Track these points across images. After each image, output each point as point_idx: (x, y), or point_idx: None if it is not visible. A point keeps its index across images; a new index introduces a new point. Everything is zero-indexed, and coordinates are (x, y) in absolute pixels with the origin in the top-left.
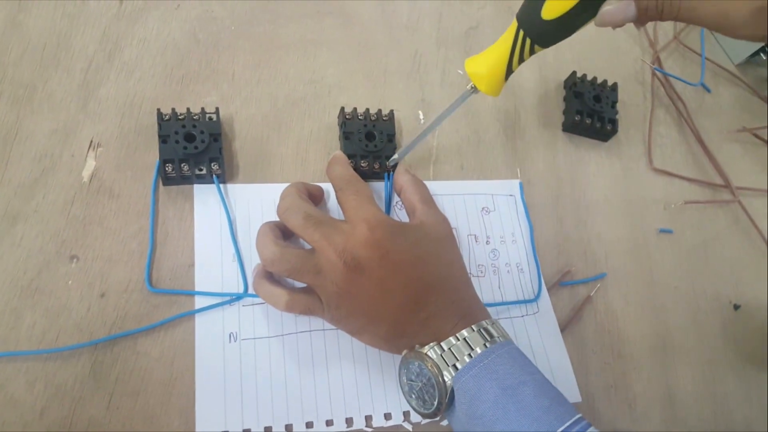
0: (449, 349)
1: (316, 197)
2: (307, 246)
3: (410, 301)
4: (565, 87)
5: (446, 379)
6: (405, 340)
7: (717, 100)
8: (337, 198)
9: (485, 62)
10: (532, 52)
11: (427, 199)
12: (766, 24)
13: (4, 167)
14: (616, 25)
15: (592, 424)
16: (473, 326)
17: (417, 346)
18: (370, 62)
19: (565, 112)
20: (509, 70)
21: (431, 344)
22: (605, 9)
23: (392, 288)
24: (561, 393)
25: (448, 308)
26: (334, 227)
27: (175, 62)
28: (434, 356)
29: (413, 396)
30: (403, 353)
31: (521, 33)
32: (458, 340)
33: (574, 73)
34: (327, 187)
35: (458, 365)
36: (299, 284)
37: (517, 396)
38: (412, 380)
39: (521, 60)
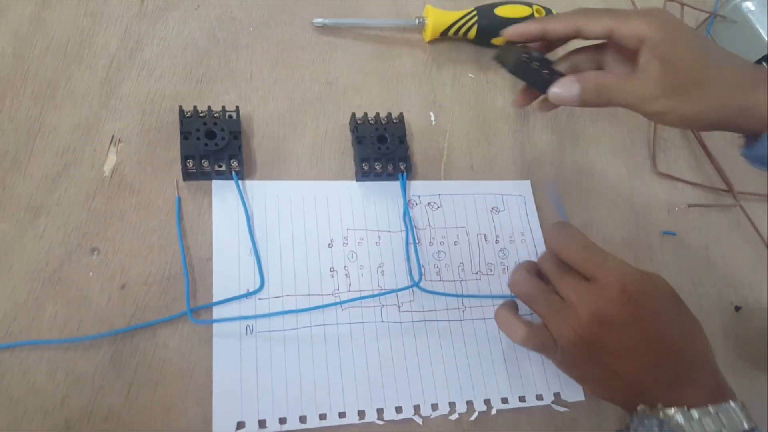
0: (699, 418)
1: None
2: None
3: (655, 361)
4: None
5: None
6: (642, 398)
7: None
8: (565, 256)
9: (442, 14)
10: (469, 35)
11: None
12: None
13: (27, 161)
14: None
15: (597, 421)
16: (732, 403)
17: (660, 405)
18: (384, 64)
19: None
20: (447, 30)
21: (679, 408)
22: (559, 85)
23: (637, 347)
24: None
25: (698, 377)
26: (583, 282)
27: (195, 61)
28: (681, 421)
29: None
30: (639, 407)
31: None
32: (711, 414)
33: None
34: (340, 185)
35: None
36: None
37: None
38: None
39: (458, 32)
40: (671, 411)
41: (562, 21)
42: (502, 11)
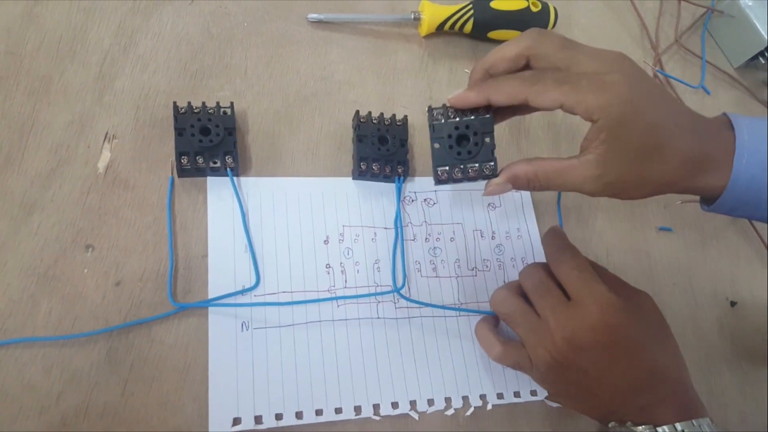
0: None
1: None
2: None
3: (631, 386)
4: None
5: None
6: (615, 417)
7: (716, 102)
8: (554, 270)
9: (438, 8)
10: (465, 29)
11: (623, 282)
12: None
13: (21, 157)
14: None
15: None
16: (694, 422)
17: (629, 423)
18: (380, 60)
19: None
20: (443, 24)
21: (646, 426)
22: (489, 189)
23: (613, 372)
24: None
25: (670, 398)
26: (563, 303)
27: (189, 57)
28: None
29: None
30: (610, 424)
31: (471, 10)
32: (678, 431)
33: None
34: (336, 182)
35: None
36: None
37: None
38: None
39: (454, 27)
40: (640, 429)
41: (507, 92)
42: (498, 4)
